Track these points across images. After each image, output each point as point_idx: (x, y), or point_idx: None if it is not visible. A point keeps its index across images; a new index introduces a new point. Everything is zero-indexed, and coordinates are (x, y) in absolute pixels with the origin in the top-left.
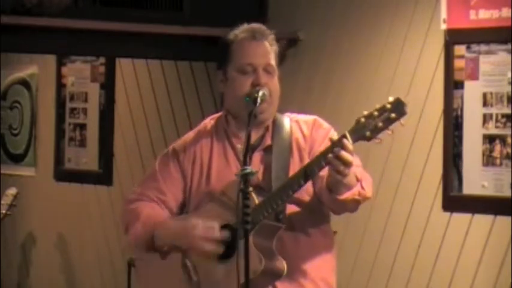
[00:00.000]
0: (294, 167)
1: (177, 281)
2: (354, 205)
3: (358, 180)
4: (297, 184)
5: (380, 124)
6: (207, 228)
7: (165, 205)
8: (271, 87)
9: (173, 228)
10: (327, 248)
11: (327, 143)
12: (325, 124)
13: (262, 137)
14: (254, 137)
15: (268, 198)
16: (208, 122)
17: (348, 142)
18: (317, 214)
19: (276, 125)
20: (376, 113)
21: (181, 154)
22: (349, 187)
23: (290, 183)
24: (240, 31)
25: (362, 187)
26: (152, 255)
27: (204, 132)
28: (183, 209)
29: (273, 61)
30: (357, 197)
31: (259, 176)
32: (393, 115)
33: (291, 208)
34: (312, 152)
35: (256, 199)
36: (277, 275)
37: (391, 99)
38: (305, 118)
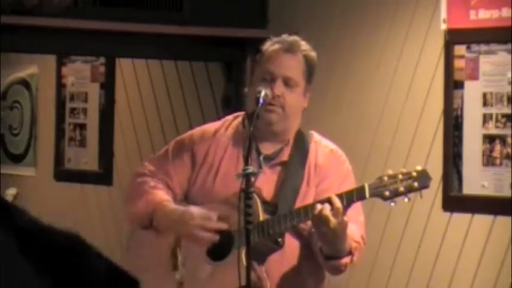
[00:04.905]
0: (303, 192)
1: (162, 266)
2: (336, 272)
3: (351, 252)
4: (304, 217)
5: (401, 189)
6: (203, 218)
7: (171, 190)
8: (287, 100)
9: (171, 214)
10: (313, 278)
11: (337, 183)
12: (342, 158)
13: (280, 151)
14: (271, 149)
15: (273, 220)
16: (232, 120)
17: (337, 201)
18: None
19: (297, 143)
20: (400, 177)
21: (197, 144)
22: (338, 250)
23: (297, 213)
24: (275, 41)
25: (351, 260)
26: (147, 233)
27: (225, 131)
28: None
29: (296, 76)
30: (342, 268)
31: (269, 190)
32: (416, 184)
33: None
34: (319, 186)
35: (261, 215)
36: None
37: (418, 168)
38: (326, 143)
